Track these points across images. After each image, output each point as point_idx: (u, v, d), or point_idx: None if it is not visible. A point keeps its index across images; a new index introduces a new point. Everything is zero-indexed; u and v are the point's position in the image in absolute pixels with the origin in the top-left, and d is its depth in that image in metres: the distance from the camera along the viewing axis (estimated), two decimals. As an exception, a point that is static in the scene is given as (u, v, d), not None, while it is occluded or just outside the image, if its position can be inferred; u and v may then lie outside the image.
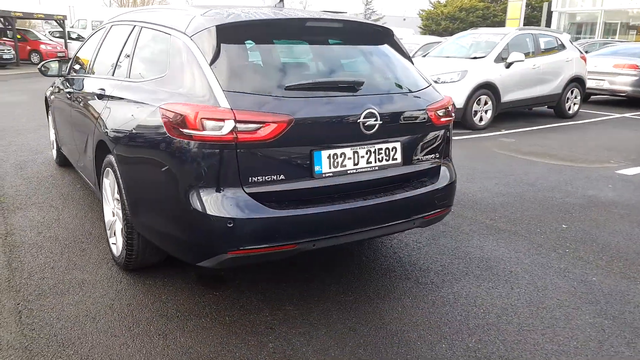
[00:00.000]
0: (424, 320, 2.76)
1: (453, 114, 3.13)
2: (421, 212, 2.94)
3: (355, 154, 2.68)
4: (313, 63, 2.84)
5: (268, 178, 2.45)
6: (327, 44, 2.94)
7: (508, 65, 8.78)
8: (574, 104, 10.07)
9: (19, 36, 21.87)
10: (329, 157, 2.59)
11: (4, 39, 22.47)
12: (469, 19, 33.90)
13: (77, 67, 4.45)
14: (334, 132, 2.59)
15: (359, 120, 2.59)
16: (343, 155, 2.64)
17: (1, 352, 2.36)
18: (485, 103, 8.65)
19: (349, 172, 2.67)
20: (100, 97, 3.34)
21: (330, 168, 2.60)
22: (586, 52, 12.04)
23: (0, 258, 3.30)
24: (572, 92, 9.95)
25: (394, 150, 2.81)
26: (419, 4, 39.07)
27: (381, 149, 2.76)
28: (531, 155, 6.79)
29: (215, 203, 2.37)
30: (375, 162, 2.75)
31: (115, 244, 3.19)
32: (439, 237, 3.93)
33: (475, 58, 8.87)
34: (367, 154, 2.71)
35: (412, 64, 3.18)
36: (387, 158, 2.80)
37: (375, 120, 2.64)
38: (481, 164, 6.29)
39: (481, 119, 8.69)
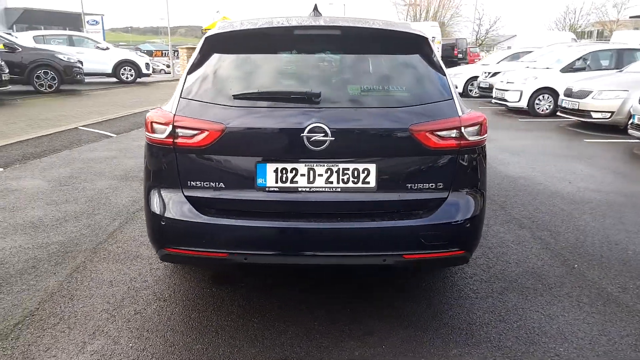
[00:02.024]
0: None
1: (472, 138, 2.49)
2: (397, 249, 2.48)
3: (311, 172, 2.46)
4: (285, 73, 2.67)
5: (207, 184, 2.50)
6: (319, 53, 2.68)
7: None
8: None
9: None
10: (275, 171, 2.46)
11: None
12: None
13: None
14: (279, 145, 2.44)
15: (302, 135, 2.37)
16: (294, 171, 2.46)
17: (39, 293, 3.09)
18: None
19: (300, 189, 2.47)
20: None
21: (277, 182, 2.47)
22: None
23: (115, 223, 4.20)
24: None
25: (365, 172, 2.46)
26: None
27: (347, 169, 2.45)
28: None
29: (156, 201, 2.56)
30: (338, 183, 2.46)
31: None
32: (510, 292, 3.13)
33: None
34: (327, 172, 2.46)
35: (443, 75, 2.63)
36: (355, 180, 2.46)
37: (324, 136, 2.37)
38: None
39: None
